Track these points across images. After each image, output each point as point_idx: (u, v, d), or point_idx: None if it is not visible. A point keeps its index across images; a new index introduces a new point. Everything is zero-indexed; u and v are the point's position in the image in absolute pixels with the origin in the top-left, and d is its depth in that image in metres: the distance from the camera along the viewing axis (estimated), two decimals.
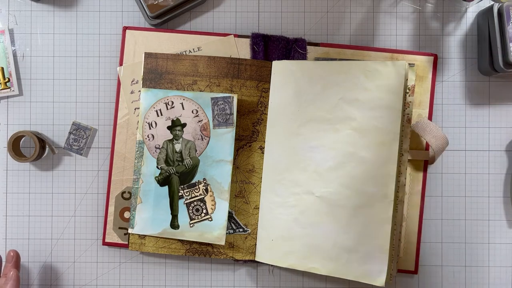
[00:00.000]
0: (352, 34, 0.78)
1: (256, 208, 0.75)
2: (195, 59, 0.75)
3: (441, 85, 0.77)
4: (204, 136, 0.74)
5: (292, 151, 0.72)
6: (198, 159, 0.74)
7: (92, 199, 0.77)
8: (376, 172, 0.69)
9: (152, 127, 0.74)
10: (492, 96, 0.77)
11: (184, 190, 0.74)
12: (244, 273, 0.77)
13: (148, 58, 0.75)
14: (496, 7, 0.72)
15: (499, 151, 0.77)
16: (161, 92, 0.74)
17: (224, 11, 0.78)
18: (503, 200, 0.77)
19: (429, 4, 0.77)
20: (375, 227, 0.69)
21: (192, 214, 0.74)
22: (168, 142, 0.74)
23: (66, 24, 0.78)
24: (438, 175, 0.77)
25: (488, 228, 0.77)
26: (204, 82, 0.74)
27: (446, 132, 0.76)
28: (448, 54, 0.77)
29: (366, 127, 0.70)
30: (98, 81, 0.77)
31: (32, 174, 0.77)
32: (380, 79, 0.70)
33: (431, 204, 0.77)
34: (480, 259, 0.77)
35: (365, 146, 0.70)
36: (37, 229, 0.76)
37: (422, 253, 0.77)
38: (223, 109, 0.73)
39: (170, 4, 0.74)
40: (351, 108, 0.70)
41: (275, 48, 0.75)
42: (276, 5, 0.78)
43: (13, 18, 0.77)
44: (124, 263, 0.77)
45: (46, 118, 0.77)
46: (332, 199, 0.70)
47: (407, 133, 0.71)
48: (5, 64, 0.76)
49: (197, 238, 0.74)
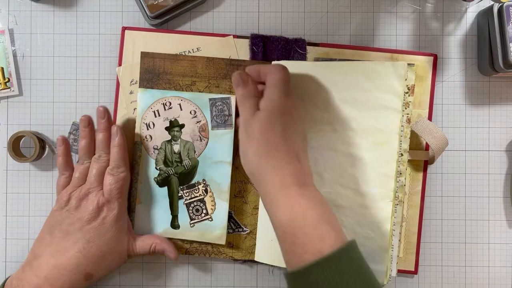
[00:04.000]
0: (352, 34, 0.77)
1: (256, 208, 0.75)
2: (194, 59, 0.74)
3: (441, 85, 0.77)
4: (203, 137, 0.74)
5: None
6: (197, 160, 0.74)
7: None
8: (375, 173, 0.69)
9: (150, 128, 0.74)
10: (492, 96, 0.77)
11: (184, 190, 0.74)
12: (243, 273, 0.77)
13: (144, 58, 0.75)
14: (496, 7, 0.72)
15: (499, 151, 0.77)
16: (158, 93, 0.74)
17: (224, 11, 0.78)
18: (503, 200, 0.77)
19: (429, 4, 0.77)
20: (375, 226, 0.69)
21: (192, 214, 0.74)
22: (167, 143, 0.74)
23: (66, 24, 0.78)
24: (438, 175, 0.77)
25: (488, 228, 0.77)
26: (203, 83, 0.74)
27: (446, 132, 0.76)
28: (448, 54, 0.77)
29: (366, 128, 0.70)
30: (98, 81, 0.77)
31: (32, 174, 0.77)
32: (379, 79, 0.70)
33: (431, 204, 0.77)
34: (480, 259, 0.77)
35: (365, 147, 0.70)
36: (37, 229, 0.75)
37: (422, 253, 0.77)
38: (221, 110, 0.73)
39: (170, 4, 0.74)
40: (350, 108, 0.70)
41: (274, 49, 0.75)
42: (276, 5, 0.78)
43: (13, 18, 0.77)
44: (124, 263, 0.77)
45: (46, 118, 0.77)
46: (331, 199, 0.70)
47: (406, 133, 0.71)
48: (5, 64, 0.76)
49: (198, 237, 0.74)
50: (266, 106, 0.62)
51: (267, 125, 0.61)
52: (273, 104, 0.62)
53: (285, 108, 0.62)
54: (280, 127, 0.61)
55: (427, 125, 0.72)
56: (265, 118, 0.61)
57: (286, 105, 0.62)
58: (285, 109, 0.62)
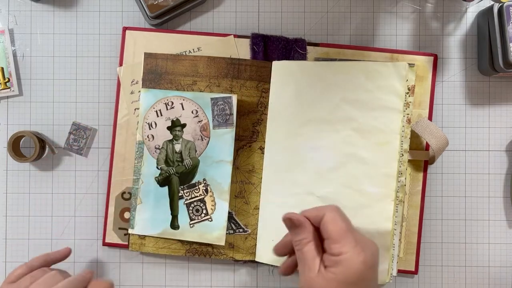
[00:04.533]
0: (352, 34, 0.78)
1: (256, 209, 0.75)
2: (195, 59, 0.74)
3: (441, 85, 0.77)
4: (204, 137, 0.74)
5: (292, 152, 0.72)
6: (198, 159, 0.74)
7: (92, 200, 0.77)
8: (376, 172, 0.69)
9: (152, 128, 0.74)
10: (492, 96, 0.77)
11: (184, 190, 0.74)
12: (244, 274, 0.77)
13: (147, 59, 0.75)
14: (496, 7, 0.72)
15: (499, 151, 0.77)
16: (160, 93, 0.74)
17: (224, 11, 0.78)
18: (503, 200, 0.77)
19: (429, 4, 0.77)
20: (376, 226, 0.69)
21: (192, 215, 0.74)
22: (168, 143, 0.74)
23: (66, 24, 0.78)
24: (438, 175, 0.77)
25: (488, 228, 0.77)
26: (204, 83, 0.74)
27: (446, 132, 0.76)
28: (448, 54, 0.77)
29: (367, 128, 0.70)
30: (98, 81, 0.77)
31: (32, 174, 0.77)
32: (380, 79, 0.70)
33: (431, 204, 0.77)
34: (480, 259, 0.77)
35: (366, 147, 0.70)
36: (37, 229, 0.76)
37: (422, 253, 0.77)
38: (223, 109, 0.73)
39: (170, 4, 0.74)
40: (352, 108, 0.71)
41: (275, 49, 0.75)
42: (276, 5, 0.78)
43: (13, 18, 0.77)
44: (124, 263, 0.77)
45: (46, 118, 0.77)
46: (332, 199, 0.70)
47: (407, 133, 0.71)
48: (5, 64, 0.76)
49: (197, 238, 0.74)
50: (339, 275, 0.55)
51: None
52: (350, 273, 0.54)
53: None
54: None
55: (428, 125, 0.72)
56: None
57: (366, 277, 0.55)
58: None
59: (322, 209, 0.57)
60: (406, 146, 0.71)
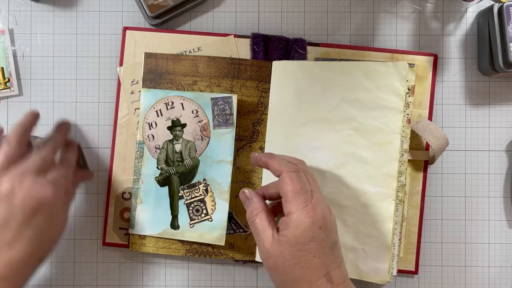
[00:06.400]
0: (352, 34, 0.78)
1: None
2: (195, 59, 0.75)
3: (441, 85, 0.77)
4: (204, 137, 0.74)
5: (292, 151, 0.72)
6: (198, 159, 0.74)
7: (92, 199, 0.77)
8: (377, 172, 0.69)
9: (152, 128, 0.74)
10: (492, 96, 0.77)
11: (184, 190, 0.74)
12: (244, 274, 0.77)
13: (148, 58, 0.75)
14: (496, 7, 0.72)
15: (499, 151, 0.77)
16: (161, 93, 0.74)
17: (224, 11, 0.78)
18: (503, 200, 0.77)
19: (429, 4, 0.77)
20: (377, 225, 0.69)
21: (192, 215, 0.74)
22: (168, 143, 0.74)
23: (66, 24, 0.78)
24: (438, 175, 0.77)
25: (488, 228, 0.77)
26: (204, 83, 0.74)
27: (446, 132, 0.76)
28: (448, 54, 0.77)
29: (367, 128, 0.70)
30: (98, 81, 0.77)
31: None
32: (380, 79, 0.70)
33: (431, 204, 0.77)
34: (480, 259, 0.77)
35: (366, 146, 0.70)
36: None
37: (422, 253, 0.77)
38: (223, 109, 0.73)
39: (170, 4, 0.74)
40: (352, 108, 0.71)
41: (275, 48, 0.75)
42: (276, 5, 0.78)
43: (13, 18, 0.77)
44: (124, 263, 0.77)
45: (46, 118, 0.77)
46: (333, 199, 0.70)
47: (407, 133, 0.71)
48: (5, 64, 0.76)
49: (197, 238, 0.74)
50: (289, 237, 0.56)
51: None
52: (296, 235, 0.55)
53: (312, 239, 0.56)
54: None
55: (428, 125, 0.72)
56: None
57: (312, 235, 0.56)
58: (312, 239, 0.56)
59: (282, 169, 0.58)
60: (406, 146, 0.71)
